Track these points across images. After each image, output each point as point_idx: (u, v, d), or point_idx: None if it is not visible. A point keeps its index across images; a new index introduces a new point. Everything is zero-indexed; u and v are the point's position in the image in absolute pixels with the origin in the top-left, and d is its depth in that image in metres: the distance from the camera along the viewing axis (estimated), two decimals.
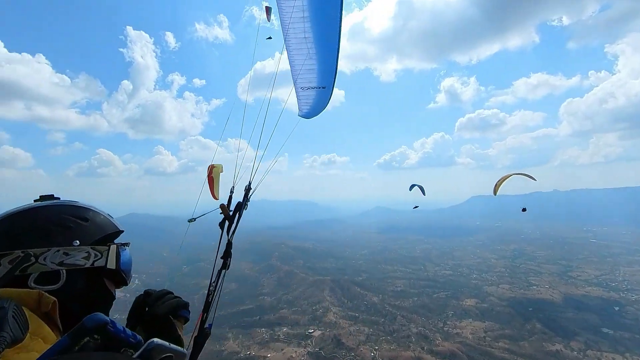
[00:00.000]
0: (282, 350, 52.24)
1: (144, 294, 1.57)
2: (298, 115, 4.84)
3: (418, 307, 67.15)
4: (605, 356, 49.06)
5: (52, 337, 0.91)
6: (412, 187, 23.87)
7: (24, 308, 0.90)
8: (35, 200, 1.34)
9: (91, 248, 1.27)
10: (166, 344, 0.77)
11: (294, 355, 50.56)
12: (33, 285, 1.11)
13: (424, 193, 23.78)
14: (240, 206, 2.36)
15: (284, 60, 4.35)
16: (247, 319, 63.93)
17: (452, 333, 56.59)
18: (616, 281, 75.88)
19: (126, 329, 0.76)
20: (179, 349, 0.81)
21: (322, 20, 3.83)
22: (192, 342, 1.81)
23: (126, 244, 1.48)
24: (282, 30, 3.93)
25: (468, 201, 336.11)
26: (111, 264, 1.33)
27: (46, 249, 1.16)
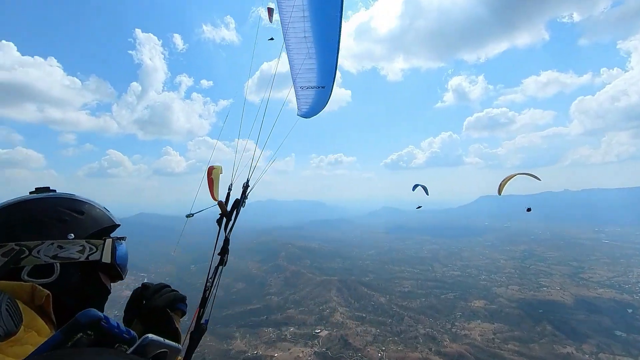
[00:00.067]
0: (289, 350, 52.40)
1: (141, 287, 1.58)
2: (297, 114, 4.87)
3: (426, 308, 66.72)
4: (618, 359, 48.11)
5: (47, 330, 0.90)
6: (416, 187, 23.80)
7: (17, 301, 0.89)
8: (30, 193, 1.33)
9: (86, 242, 1.26)
10: (161, 339, 0.75)
11: (300, 355, 50.67)
12: (26, 278, 1.10)
13: (427, 193, 23.66)
14: (238, 203, 2.38)
15: (285, 60, 4.37)
16: (254, 318, 64.28)
17: (461, 334, 56.11)
18: (629, 283, 74.23)
19: (120, 324, 0.74)
20: (173, 344, 0.79)
21: (322, 19, 3.84)
22: (188, 337, 1.81)
23: (122, 238, 1.48)
24: (282, 29, 3.95)
25: (476, 201, 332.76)
26: (106, 258, 1.32)
27: (40, 241, 1.15)
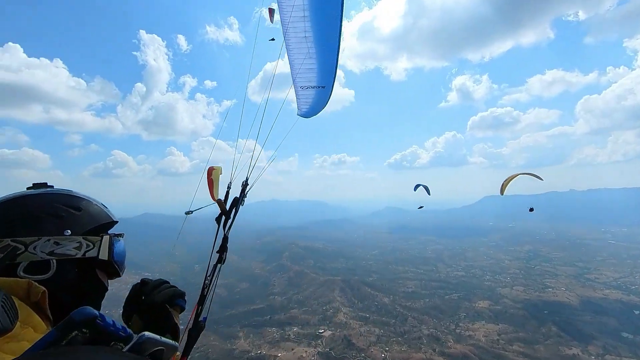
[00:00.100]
0: (292, 350, 52.46)
1: (140, 282, 1.58)
2: (297, 114, 4.88)
3: (429, 308, 66.47)
4: None
5: (43, 326, 0.90)
6: (417, 187, 23.78)
7: (13, 297, 0.88)
8: (28, 188, 1.32)
9: (83, 238, 1.25)
10: (157, 337, 0.75)
11: (304, 355, 50.72)
12: (22, 274, 1.09)
13: (428, 193, 23.64)
14: (237, 201, 2.39)
15: (287, 61, 4.37)
16: (257, 318, 64.44)
17: (465, 335, 55.83)
18: (636, 284, 73.44)
19: (116, 322, 0.73)
20: (170, 342, 0.78)
21: (323, 19, 3.83)
22: (185, 334, 1.81)
23: (120, 235, 1.46)
24: (282, 29, 3.94)
25: (481, 201, 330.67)
26: (103, 255, 1.31)
27: (36, 237, 1.14)
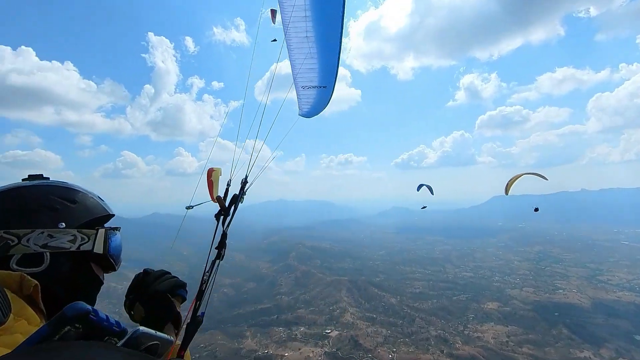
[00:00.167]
0: (299, 349, 52.58)
1: (143, 272, 1.60)
2: (299, 114, 4.90)
3: (437, 309, 65.99)
4: None
5: (36, 319, 0.89)
6: (420, 187, 23.58)
7: (6, 290, 0.87)
8: (23, 180, 1.30)
9: (78, 231, 1.24)
10: (152, 331, 0.75)
11: (311, 355, 50.78)
12: (15, 267, 1.08)
13: (432, 193, 23.44)
14: (236, 198, 2.42)
15: (286, 62, 4.44)
16: (265, 317, 64.76)
17: (473, 337, 55.28)
18: None
19: (110, 317, 0.72)
20: (165, 336, 0.78)
21: (324, 19, 3.85)
22: (183, 329, 1.84)
23: (116, 229, 1.45)
24: (283, 29, 3.96)
25: (489, 201, 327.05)
26: (98, 249, 1.29)
27: (30, 230, 1.12)
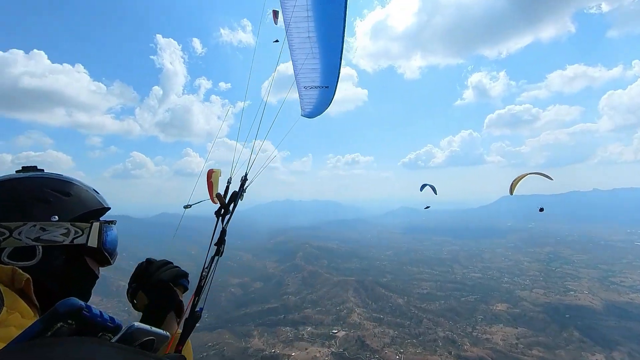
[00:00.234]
0: (306, 349, 52.67)
1: (145, 262, 1.62)
2: (301, 115, 4.92)
3: (445, 310, 65.44)
4: None
5: (30, 312, 0.88)
6: (423, 187, 23.15)
7: None
8: (17, 171, 1.28)
9: (71, 224, 1.21)
10: (147, 327, 0.73)
11: (317, 355, 50.84)
12: (6, 260, 1.06)
13: (435, 192, 23.09)
14: (236, 196, 2.45)
15: (286, 62, 4.49)
16: (272, 317, 65.02)
17: (482, 338, 54.69)
18: None
19: (104, 313, 0.71)
20: (161, 332, 0.76)
21: (326, 19, 3.87)
22: (182, 324, 1.88)
23: (112, 222, 1.43)
24: (285, 29, 3.99)
25: (498, 201, 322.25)
26: (92, 242, 1.27)
27: (22, 223, 1.10)
